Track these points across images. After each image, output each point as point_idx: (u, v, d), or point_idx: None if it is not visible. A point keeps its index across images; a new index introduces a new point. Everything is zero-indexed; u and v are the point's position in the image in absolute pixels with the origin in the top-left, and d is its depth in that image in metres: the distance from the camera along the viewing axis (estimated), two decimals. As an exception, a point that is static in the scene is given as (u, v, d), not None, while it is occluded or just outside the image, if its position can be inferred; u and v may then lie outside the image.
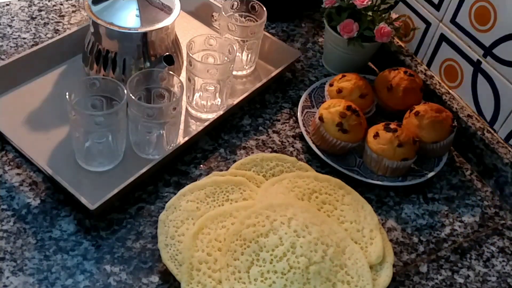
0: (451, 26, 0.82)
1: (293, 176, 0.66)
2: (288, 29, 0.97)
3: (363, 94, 0.78)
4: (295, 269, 0.56)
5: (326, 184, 0.66)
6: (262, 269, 0.56)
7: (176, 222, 0.60)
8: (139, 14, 0.72)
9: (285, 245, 0.57)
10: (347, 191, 0.67)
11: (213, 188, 0.63)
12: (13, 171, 0.68)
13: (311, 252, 0.57)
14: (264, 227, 0.58)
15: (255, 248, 0.57)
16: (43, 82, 0.79)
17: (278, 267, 0.56)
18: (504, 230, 0.72)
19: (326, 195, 0.65)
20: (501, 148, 0.76)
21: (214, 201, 0.62)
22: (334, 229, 0.61)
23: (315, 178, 0.67)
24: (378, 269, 0.61)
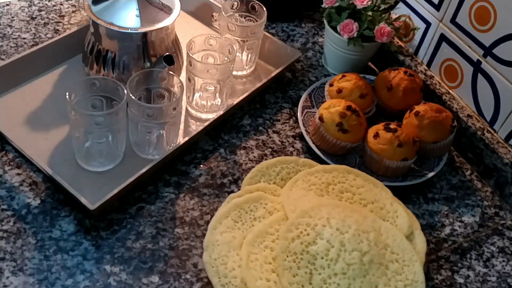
0: (451, 26, 0.82)
1: (304, 175, 0.67)
2: (288, 29, 0.97)
3: (363, 94, 0.78)
4: (353, 265, 0.57)
5: (336, 173, 0.67)
6: (323, 276, 0.56)
7: (222, 258, 0.59)
8: (139, 14, 0.72)
9: (335, 246, 0.57)
10: (356, 174, 0.68)
11: (237, 212, 0.63)
12: (13, 171, 0.68)
13: (359, 244, 0.58)
14: (309, 235, 0.58)
15: (309, 258, 0.57)
16: (43, 82, 0.79)
17: (337, 268, 0.56)
18: (504, 230, 0.72)
19: (341, 184, 0.66)
20: (501, 148, 0.76)
21: (243, 224, 0.62)
22: (364, 214, 0.62)
23: (324, 170, 0.68)
24: (411, 238, 0.63)
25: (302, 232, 0.58)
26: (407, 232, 0.63)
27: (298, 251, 0.57)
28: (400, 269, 0.58)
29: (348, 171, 0.68)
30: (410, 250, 0.60)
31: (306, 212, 0.60)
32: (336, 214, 0.60)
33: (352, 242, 0.57)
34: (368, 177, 0.68)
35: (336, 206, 0.61)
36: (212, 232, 0.61)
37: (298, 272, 0.56)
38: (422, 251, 0.62)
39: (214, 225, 0.61)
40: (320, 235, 0.58)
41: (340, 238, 0.57)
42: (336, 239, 0.57)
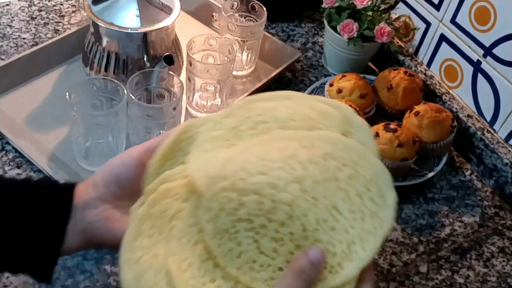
0: (451, 26, 0.82)
1: (206, 132, 0.48)
2: (288, 29, 0.97)
3: (363, 94, 0.78)
4: (295, 201, 0.43)
5: (241, 112, 0.49)
6: (270, 235, 0.43)
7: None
8: (139, 14, 0.72)
9: (266, 192, 0.43)
10: (264, 99, 0.49)
11: (148, 224, 0.46)
12: (13, 171, 0.68)
13: (291, 173, 0.43)
14: (231, 201, 0.43)
15: (244, 226, 0.43)
16: (43, 82, 0.79)
17: (280, 216, 0.43)
18: (504, 230, 0.72)
19: (249, 119, 0.48)
20: (501, 148, 0.76)
21: (161, 234, 0.46)
22: (286, 136, 0.47)
23: (226, 115, 0.48)
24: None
25: (222, 201, 0.43)
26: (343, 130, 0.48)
27: (229, 225, 0.43)
28: (352, 172, 0.44)
29: (250, 101, 0.49)
30: (355, 146, 0.46)
31: (217, 176, 0.44)
32: (252, 156, 0.44)
33: (282, 177, 0.43)
34: (280, 94, 0.50)
35: (248, 148, 0.46)
36: (127, 267, 0.44)
37: (241, 249, 0.42)
38: (371, 142, 0.48)
39: (126, 258, 0.44)
40: (243, 191, 0.43)
41: (267, 180, 0.43)
42: (263, 184, 0.43)
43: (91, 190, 0.46)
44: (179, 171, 0.47)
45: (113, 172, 0.46)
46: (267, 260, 0.42)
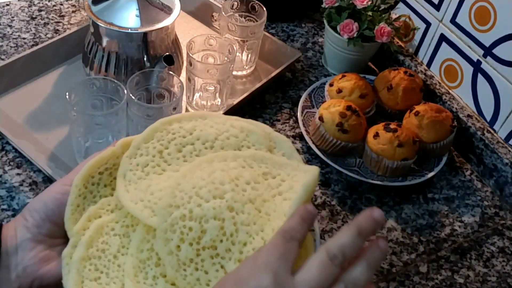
0: (451, 26, 0.82)
1: (126, 162, 0.46)
2: (288, 29, 0.97)
3: (363, 94, 0.78)
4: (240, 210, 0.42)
5: (158, 135, 0.48)
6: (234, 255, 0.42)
7: None
8: (139, 14, 0.72)
9: (224, 214, 0.42)
10: (177, 119, 0.49)
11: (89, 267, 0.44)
12: (13, 171, 0.68)
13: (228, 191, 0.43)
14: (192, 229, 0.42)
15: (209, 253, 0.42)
16: (43, 82, 0.79)
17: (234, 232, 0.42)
18: (504, 230, 0.72)
19: (172, 142, 0.48)
20: (501, 148, 0.76)
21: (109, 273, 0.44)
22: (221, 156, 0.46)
23: (143, 140, 0.47)
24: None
25: (182, 231, 0.41)
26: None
27: (193, 255, 0.41)
28: (292, 183, 0.45)
29: (167, 122, 0.48)
30: (286, 162, 0.47)
31: (168, 205, 0.42)
32: (198, 180, 0.43)
33: (237, 199, 0.42)
34: (195, 114, 0.49)
35: (190, 172, 0.44)
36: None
37: (209, 277, 0.41)
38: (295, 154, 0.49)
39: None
40: (203, 217, 0.41)
41: (224, 204, 0.42)
42: (222, 208, 0.42)
43: (22, 231, 0.42)
44: (104, 205, 0.45)
45: (46, 210, 0.43)
46: None
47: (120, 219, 0.44)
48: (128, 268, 0.42)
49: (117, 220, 0.44)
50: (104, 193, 0.46)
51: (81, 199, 0.44)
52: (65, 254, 0.42)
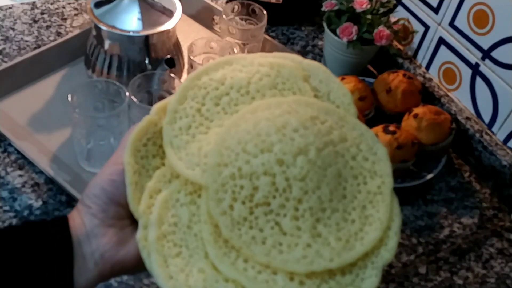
0: (449, 29, 0.82)
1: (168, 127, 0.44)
2: (288, 32, 0.98)
3: (362, 96, 0.79)
4: (307, 174, 0.40)
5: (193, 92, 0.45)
6: (290, 214, 0.40)
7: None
8: (141, 17, 0.72)
9: (276, 170, 0.41)
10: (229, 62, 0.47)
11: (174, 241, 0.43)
12: (15, 173, 0.69)
13: (292, 145, 0.41)
14: (242, 187, 0.41)
15: (262, 211, 0.41)
16: (46, 84, 0.80)
17: (296, 193, 0.40)
18: (503, 231, 0.73)
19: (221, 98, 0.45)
20: (500, 150, 0.77)
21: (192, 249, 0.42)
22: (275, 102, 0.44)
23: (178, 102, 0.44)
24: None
25: (233, 190, 0.40)
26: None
27: (246, 213, 0.40)
28: (342, 134, 0.43)
29: (196, 77, 0.46)
30: (333, 109, 0.45)
31: (217, 165, 0.41)
32: (243, 134, 0.41)
33: (286, 151, 0.41)
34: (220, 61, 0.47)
35: (234, 127, 0.42)
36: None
37: (265, 235, 0.40)
38: (333, 80, 0.47)
39: (172, 286, 0.40)
40: (253, 174, 0.40)
41: (273, 158, 0.40)
42: (271, 163, 0.40)
43: (89, 218, 0.41)
44: (160, 177, 0.44)
45: (107, 193, 0.41)
46: (293, 239, 0.40)
47: (181, 188, 0.42)
48: (206, 235, 0.40)
49: (179, 190, 0.42)
50: (155, 164, 0.44)
51: (137, 176, 0.43)
52: (139, 237, 0.41)
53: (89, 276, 0.40)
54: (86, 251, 0.40)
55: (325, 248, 0.40)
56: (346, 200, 0.41)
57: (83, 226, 0.41)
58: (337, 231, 0.40)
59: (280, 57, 0.47)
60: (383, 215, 0.42)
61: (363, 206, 0.42)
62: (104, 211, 0.41)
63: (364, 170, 0.43)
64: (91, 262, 0.40)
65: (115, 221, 0.41)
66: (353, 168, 0.42)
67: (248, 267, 0.39)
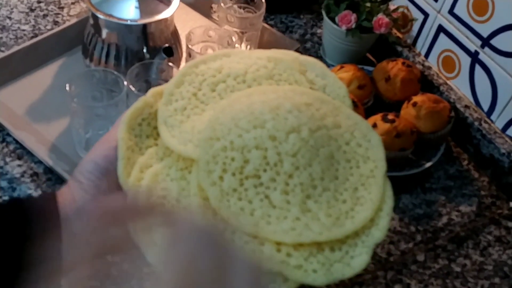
0: (449, 17, 0.82)
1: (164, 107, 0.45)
2: (287, 21, 0.98)
3: (361, 85, 0.78)
4: (299, 151, 0.41)
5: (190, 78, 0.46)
6: (280, 188, 0.41)
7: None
8: (139, 6, 0.72)
9: (268, 145, 0.41)
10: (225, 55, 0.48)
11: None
12: (14, 163, 0.69)
13: (286, 122, 0.42)
14: (234, 159, 0.41)
15: (252, 183, 0.41)
16: (43, 74, 0.80)
17: (287, 168, 0.41)
18: (501, 219, 0.73)
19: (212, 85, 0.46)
20: (498, 139, 0.77)
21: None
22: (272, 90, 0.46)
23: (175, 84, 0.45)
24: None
25: (224, 162, 0.41)
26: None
27: (236, 185, 0.41)
28: (336, 121, 0.44)
29: (194, 65, 0.46)
30: (328, 99, 0.46)
31: (209, 138, 0.42)
32: (237, 113, 0.42)
33: (279, 128, 0.41)
34: (219, 52, 0.48)
35: (228, 107, 0.43)
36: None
37: (253, 207, 0.40)
38: (330, 75, 0.48)
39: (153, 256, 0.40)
40: (245, 148, 0.41)
41: (265, 133, 0.41)
42: (263, 138, 0.41)
43: (81, 194, 0.41)
44: (153, 154, 0.44)
45: (100, 169, 0.41)
46: (282, 212, 0.40)
47: (173, 165, 0.43)
48: (194, 208, 0.41)
49: (170, 166, 0.43)
50: (148, 143, 0.45)
51: (130, 152, 0.43)
52: None
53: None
54: (76, 227, 0.40)
55: (314, 222, 0.40)
56: (338, 181, 0.42)
57: (74, 202, 0.41)
58: (327, 208, 0.41)
59: (278, 52, 0.48)
60: (375, 196, 0.43)
61: (355, 188, 0.42)
62: (96, 187, 0.41)
63: (357, 155, 0.43)
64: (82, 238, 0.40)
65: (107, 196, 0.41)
66: (346, 152, 0.43)
67: (235, 238, 0.40)
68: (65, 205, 0.40)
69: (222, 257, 0.36)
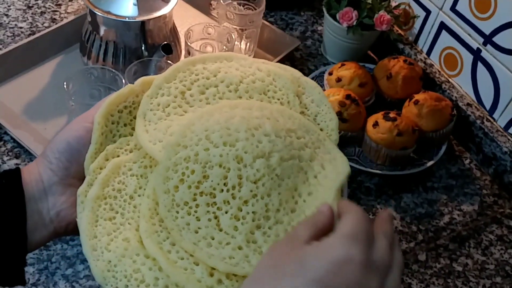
0: (451, 14, 0.81)
1: (146, 101, 0.44)
2: (287, 18, 0.97)
3: (362, 83, 0.78)
4: (261, 178, 0.40)
5: (180, 75, 0.45)
6: (232, 212, 0.40)
7: (132, 281, 0.39)
8: (137, 3, 0.71)
9: (232, 166, 0.40)
10: (202, 60, 0.46)
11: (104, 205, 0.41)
12: (11, 161, 0.68)
13: (258, 146, 0.41)
14: (194, 172, 0.40)
15: (205, 200, 0.40)
16: (41, 72, 0.79)
17: (244, 193, 0.40)
18: (503, 218, 0.73)
19: (195, 83, 0.45)
20: (501, 137, 0.76)
21: (124, 213, 0.42)
22: (246, 105, 0.44)
23: (165, 80, 0.44)
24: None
25: (183, 172, 0.40)
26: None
27: (189, 198, 0.40)
28: (313, 154, 0.43)
29: (191, 62, 0.45)
30: (315, 130, 0.45)
31: (176, 144, 0.41)
32: (213, 124, 0.41)
33: (248, 150, 0.40)
34: (221, 55, 0.47)
35: (207, 114, 0.42)
36: (96, 256, 0.39)
37: (200, 225, 0.39)
38: (325, 101, 0.47)
39: (92, 245, 0.39)
40: (208, 163, 0.40)
41: (232, 153, 0.40)
42: (229, 157, 0.40)
43: (48, 174, 0.40)
44: (123, 144, 0.43)
45: (71, 150, 0.40)
46: (227, 238, 0.39)
47: (138, 160, 0.42)
48: (144, 209, 0.40)
49: (135, 160, 0.42)
50: (123, 132, 0.44)
51: (103, 138, 0.42)
52: (80, 192, 0.41)
53: (44, 233, 0.40)
54: (43, 207, 0.40)
55: (255, 255, 0.39)
56: (294, 214, 0.41)
57: (41, 182, 0.40)
58: (274, 242, 0.39)
59: (281, 68, 0.47)
60: None
61: None
62: (65, 169, 0.40)
63: (321, 187, 0.42)
64: (47, 218, 0.40)
65: (75, 181, 0.41)
66: (311, 186, 0.41)
67: (173, 250, 0.39)
68: (31, 185, 0.40)
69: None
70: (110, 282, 0.38)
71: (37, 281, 0.58)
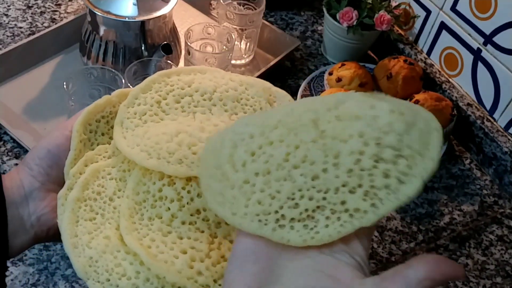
0: (451, 14, 0.81)
1: (123, 110, 0.45)
2: (287, 18, 0.97)
3: (362, 82, 0.78)
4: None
5: (156, 86, 0.47)
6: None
7: (113, 276, 0.41)
8: (137, 3, 0.71)
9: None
10: (177, 72, 0.48)
11: (84, 207, 0.43)
12: (11, 162, 0.68)
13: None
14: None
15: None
16: (41, 72, 0.79)
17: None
18: (503, 218, 0.73)
19: (170, 93, 0.47)
20: (501, 137, 0.76)
21: (104, 214, 0.43)
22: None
23: (141, 90, 0.46)
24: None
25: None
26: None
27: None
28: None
29: (166, 74, 0.47)
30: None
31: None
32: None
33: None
34: (195, 68, 0.49)
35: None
36: (77, 253, 0.40)
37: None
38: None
39: (72, 243, 0.41)
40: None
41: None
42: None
43: (29, 180, 0.41)
44: (101, 151, 0.45)
45: (52, 157, 0.42)
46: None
47: (116, 164, 0.44)
48: (124, 209, 0.41)
49: (113, 165, 0.44)
50: (101, 141, 0.46)
51: (82, 145, 0.44)
52: (61, 195, 0.42)
53: (24, 238, 0.40)
54: (23, 212, 0.40)
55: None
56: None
57: (22, 188, 0.41)
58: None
59: (251, 79, 0.49)
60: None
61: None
62: (46, 175, 0.42)
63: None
64: (27, 223, 0.40)
65: (56, 186, 0.42)
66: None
67: (153, 245, 0.40)
68: (12, 190, 0.40)
69: None
70: (92, 277, 0.39)
71: (37, 281, 0.58)
